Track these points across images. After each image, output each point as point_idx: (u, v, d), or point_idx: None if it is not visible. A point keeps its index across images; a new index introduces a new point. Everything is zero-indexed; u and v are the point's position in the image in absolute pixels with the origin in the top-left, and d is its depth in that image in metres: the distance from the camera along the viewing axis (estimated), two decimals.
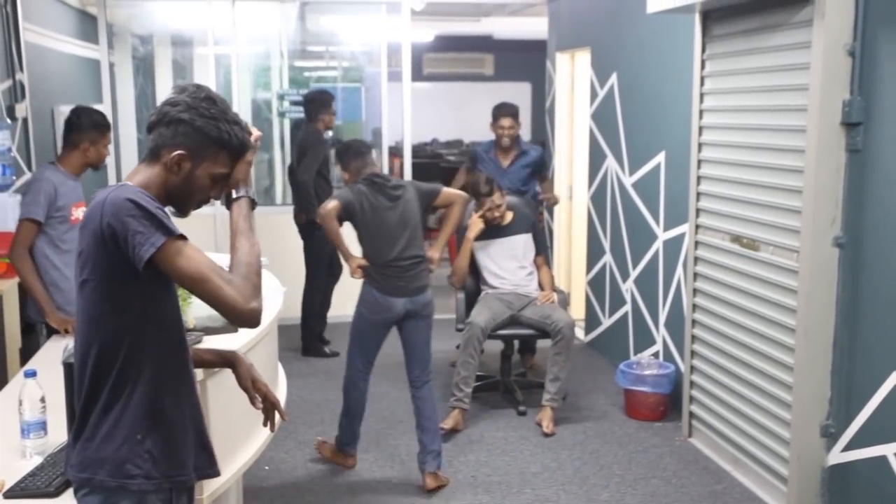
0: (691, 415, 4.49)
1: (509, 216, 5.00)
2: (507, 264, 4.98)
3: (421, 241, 4.05)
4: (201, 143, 1.86)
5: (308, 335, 6.04)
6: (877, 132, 3.22)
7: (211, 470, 2.03)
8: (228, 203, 1.94)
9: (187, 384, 1.96)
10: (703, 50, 4.24)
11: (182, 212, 1.95)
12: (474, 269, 5.04)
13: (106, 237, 1.75)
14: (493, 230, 4.94)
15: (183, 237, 1.78)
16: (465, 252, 4.97)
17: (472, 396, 4.68)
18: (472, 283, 5.08)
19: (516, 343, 5.38)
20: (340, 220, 4.00)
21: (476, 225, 4.91)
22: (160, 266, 1.75)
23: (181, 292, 2.58)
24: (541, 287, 5.00)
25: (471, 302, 4.98)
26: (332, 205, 3.97)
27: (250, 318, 1.80)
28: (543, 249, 5.16)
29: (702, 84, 4.28)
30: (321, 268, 5.96)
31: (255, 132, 2.01)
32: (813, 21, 3.36)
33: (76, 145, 3.78)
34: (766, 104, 3.78)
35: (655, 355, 5.02)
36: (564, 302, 5.05)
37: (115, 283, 1.80)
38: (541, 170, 5.74)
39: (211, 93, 1.90)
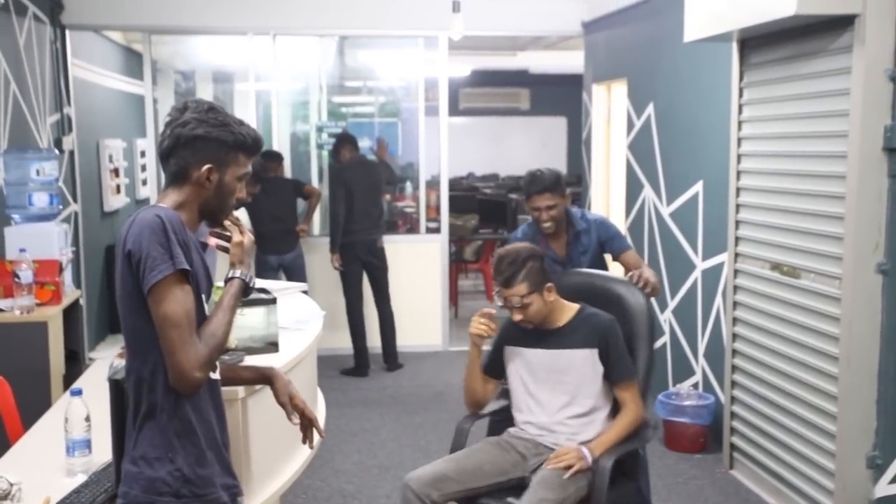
0: (732, 446, 4.41)
1: (565, 313, 3.03)
2: (544, 393, 3.01)
3: (292, 218, 6.23)
4: (222, 152, 1.93)
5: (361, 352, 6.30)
6: None
7: (237, 489, 2.03)
8: (226, 281, 2.00)
9: (212, 400, 1.97)
10: (741, 78, 4.24)
11: (217, 223, 2.01)
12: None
13: (125, 254, 1.82)
14: (535, 331, 3.02)
15: (185, 272, 1.82)
16: (471, 371, 3.11)
17: None
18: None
19: None
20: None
21: (476, 330, 3.01)
22: (151, 293, 1.79)
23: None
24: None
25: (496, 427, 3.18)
26: None
27: (189, 384, 1.82)
28: (623, 376, 2.97)
29: (740, 112, 4.27)
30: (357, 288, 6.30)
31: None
32: (853, 47, 3.35)
33: None
34: (805, 131, 3.76)
35: (695, 386, 4.96)
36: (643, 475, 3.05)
37: (140, 299, 1.83)
38: (610, 244, 3.73)
39: (211, 103, 1.97)
